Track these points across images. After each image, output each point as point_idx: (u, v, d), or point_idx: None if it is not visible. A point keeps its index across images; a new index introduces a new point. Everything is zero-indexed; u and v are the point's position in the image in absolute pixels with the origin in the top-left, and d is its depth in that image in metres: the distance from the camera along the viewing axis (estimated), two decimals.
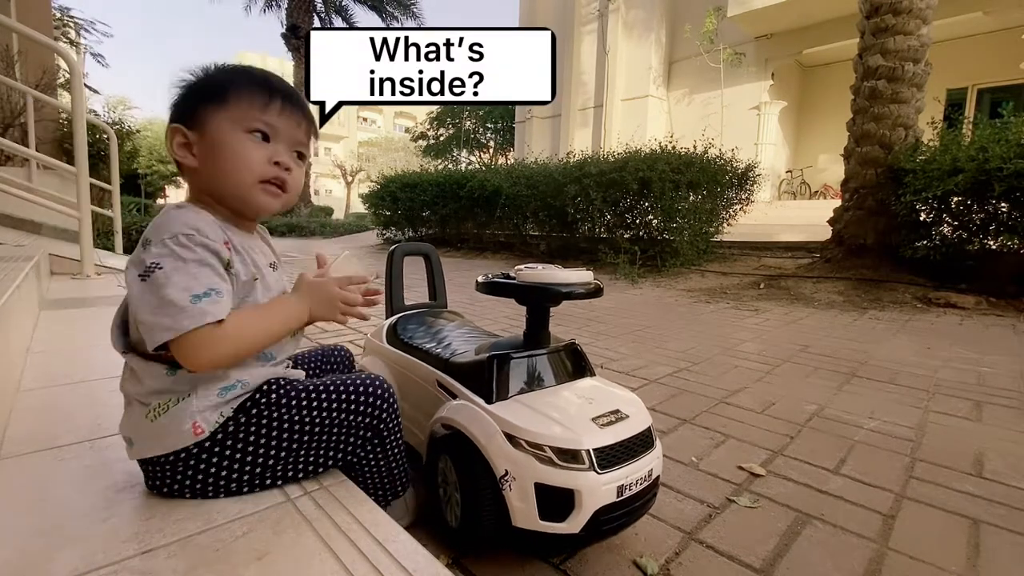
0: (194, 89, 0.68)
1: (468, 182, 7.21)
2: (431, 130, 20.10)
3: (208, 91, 0.67)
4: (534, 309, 0.90)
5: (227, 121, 0.66)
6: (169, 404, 0.65)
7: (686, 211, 5.04)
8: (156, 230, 0.62)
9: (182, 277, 0.59)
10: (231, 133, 0.66)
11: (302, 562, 0.56)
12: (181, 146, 0.67)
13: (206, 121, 0.66)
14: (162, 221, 0.63)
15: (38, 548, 0.57)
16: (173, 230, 0.61)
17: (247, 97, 0.67)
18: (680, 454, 1.22)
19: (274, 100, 0.69)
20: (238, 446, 0.67)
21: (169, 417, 0.65)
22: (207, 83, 0.69)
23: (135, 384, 0.66)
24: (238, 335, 0.63)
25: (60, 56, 4.41)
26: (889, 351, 2.33)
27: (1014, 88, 8.02)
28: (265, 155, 0.68)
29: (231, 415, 0.67)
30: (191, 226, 0.62)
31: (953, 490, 1.08)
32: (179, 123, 0.67)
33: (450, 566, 0.78)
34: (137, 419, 0.66)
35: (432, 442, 0.89)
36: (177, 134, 0.67)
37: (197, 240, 0.62)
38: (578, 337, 2.44)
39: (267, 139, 0.69)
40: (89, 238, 2.81)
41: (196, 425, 0.65)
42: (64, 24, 10.70)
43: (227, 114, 0.67)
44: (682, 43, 10.38)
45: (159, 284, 0.59)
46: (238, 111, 0.67)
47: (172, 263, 0.60)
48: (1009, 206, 3.41)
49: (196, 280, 0.60)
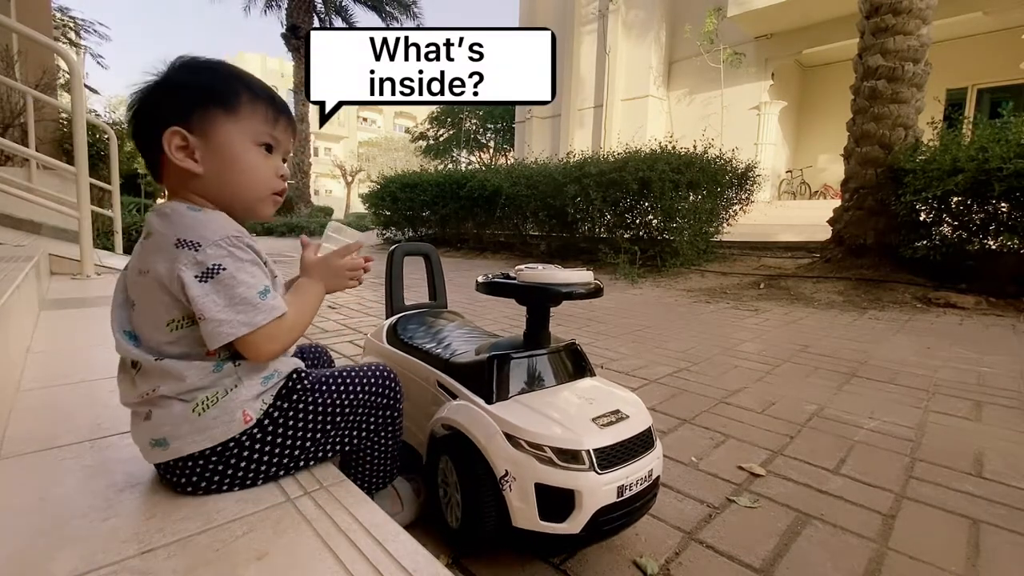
0: (200, 93, 0.67)
1: (468, 182, 7.21)
2: (431, 130, 20.11)
3: (217, 98, 0.67)
4: (534, 309, 0.90)
5: (240, 133, 0.68)
6: (218, 396, 0.66)
7: (686, 211, 5.04)
8: (195, 231, 0.63)
9: (246, 276, 0.63)
10: (243, 145, 0.69)
11: (302, 562, 0.56)
12: (180, 149, 0.65)
13: (214, 129, 0.66)
14: (195, 223, 0.64)
15: (38, 548, 0.57)
16: (222, 232, 0.63)
17: (260, 111, 0.70)
18: (680, 454, 1.22)
19: (279, 116, 0.72)
20: (279, 431, 0.71)
21: (220, 408, 0.66)
22: (214, 89, 0.67)
23: (174, 383, 0.65)
24: (295, 323, 0.69)
25: (60, 56, 4.41)
26: (889, 351, 2.33)
27: (1014, 88, 8.02)
28: (273, 168, 0.72)
29: (271, 402, 0.71)
30: (235, 228, 0.65)
31: (953, 490, 1.08)
32: (179, 125, 0.65)
33: (450, 566, 0.78)
34: (179, 417, 0.65)
35: (432, 442, 0.89)
36: (177, 136, 0.65)
37: (245, 241, 0.65)
38: (578, 337, 2.44)
39: (270, 151, 0.72)
40: (89, 238, 2.81)
41: (245, 413, 0.67)
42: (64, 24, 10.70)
43: (239, 125, 0.68)
44: (682, 43, 10.38)
45: (227, 284, 0.61)
46: (250, 124, 0.69)
47: (233, 263, 0.62)
48: (1009, 206, 3.41)
49: (256, 279, 0.64)
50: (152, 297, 0.64)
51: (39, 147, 3.94)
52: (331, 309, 3.07)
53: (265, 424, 0.70)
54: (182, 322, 0.65)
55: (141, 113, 0.68)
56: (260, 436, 0.69)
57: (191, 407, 0.65)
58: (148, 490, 0.69)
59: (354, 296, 3.62)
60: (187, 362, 0.65)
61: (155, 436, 0.66)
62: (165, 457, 0.66)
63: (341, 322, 2.68)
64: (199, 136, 0.66)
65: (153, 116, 0.66)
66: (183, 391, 0.65)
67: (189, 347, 0.65)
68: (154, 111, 0.67)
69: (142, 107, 0.67)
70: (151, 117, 0.67)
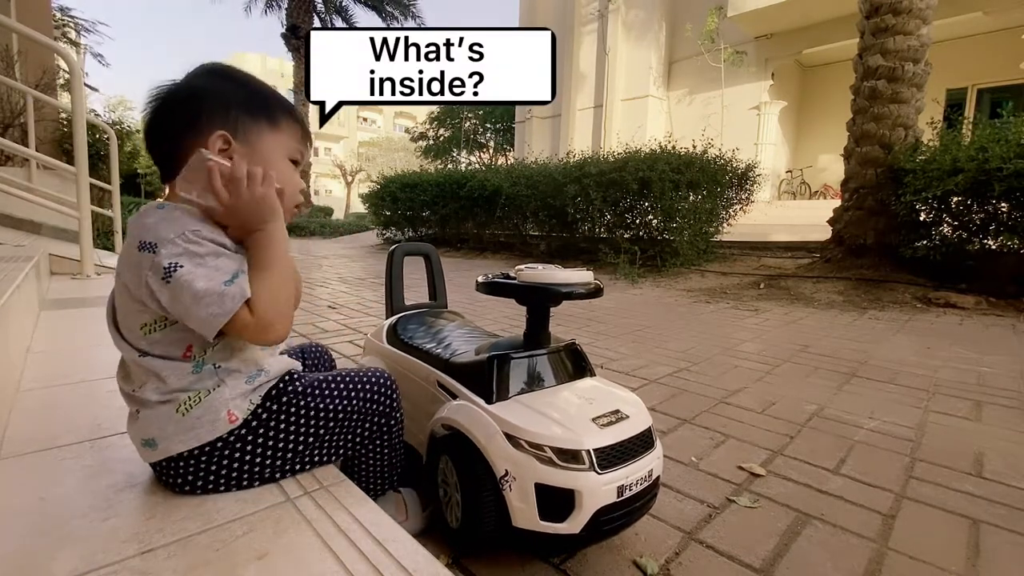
0: (252, 104, 0.70)
1: (468, 182, 7.21)
2: (431, 130, 20.11)
3: (263, 111, 0.70)
4: (534, 309, 0.90)
5: (280, 147, 0.72)
6: (201, 396, 0.66)
7: (686, 211, 5.04)
8: (154, 232, 0.61)
9: (206, 269, 0.61)
10: (282, 160, 0.72)
11: (302, 562, 0.56)
12: (220, 152, 0.66)
13: (258, 139, 0.69)
14: (155, 223, 0.62)
15: (38, 548, 0.57)
16: (178, 228, 0.62)
17: (296, 129, 0.74)
18: (680, 454, 1.22)
19: (303, 132, 0.76)
20: (270, 433, 0.70)
21: (203, 408, 0.65)
22: (261, 102, 0.71)
23: (157, 384, 0.65)
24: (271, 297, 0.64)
25: (60, 56, 4.41)
26: (889, 351, 2.33)
27: (1014, 88, 8.02)
28: (298, 183, 0.75)
29: (259, 403, 0.70)
30: (192, 223, 0.63)
31: (953, 490, 1.08)
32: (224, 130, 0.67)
33: (450, 566, 0.78)
34: (164, 417, 0.65)
35: (432, 442, 0.89)
36: (221, 140, 0.66)
37: (203, 234, 0.63)
38: (578, 337, 2.44)
39: (296, 165, 0.76)
40: (89, 238, 2.81)
41: (230, 413, 0.67)
42: (64, 24, 10.70)
43: (278, 139, 0.71)
44: (682, 43, 10.38)
45: (187, 281, 0.60)
46: (287, 139, 0.73)
47: (189, 260, 0.61)
48: (1009, 206, 3.41)
49: (220, 270, 0.62)
50: (125, 301, 0.65)
51: (39, 147, 3.94)
52: (331, 309, 3.07)
53: (253, 424, 0.69)
54: (154, 326, 0.64)
55: (175, 114, 0.68)
56: (250, 437, 0.69)
57: (175, 407, 0.65)
58: (148, 490, 0.69)
59: (354, 296, 3.62)
60: (165, 362, 0.65)
61: (144, 436, 0.67)
62: (155, 457, 0.67)
63: (341, 322, 2.68)
64: (244, 145, 0.68)
65: (191, 119, 0.67)
66: (165, 391, 0.65)
67: (165, 350, 0.65)
68: (195, 114, 0.67)
69: (177, 108, 0.68)
70: (189, 120, 0.67)
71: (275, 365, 0.73)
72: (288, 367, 0.75)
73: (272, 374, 0.72)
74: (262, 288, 0.64)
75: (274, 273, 0.66)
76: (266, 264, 0.66)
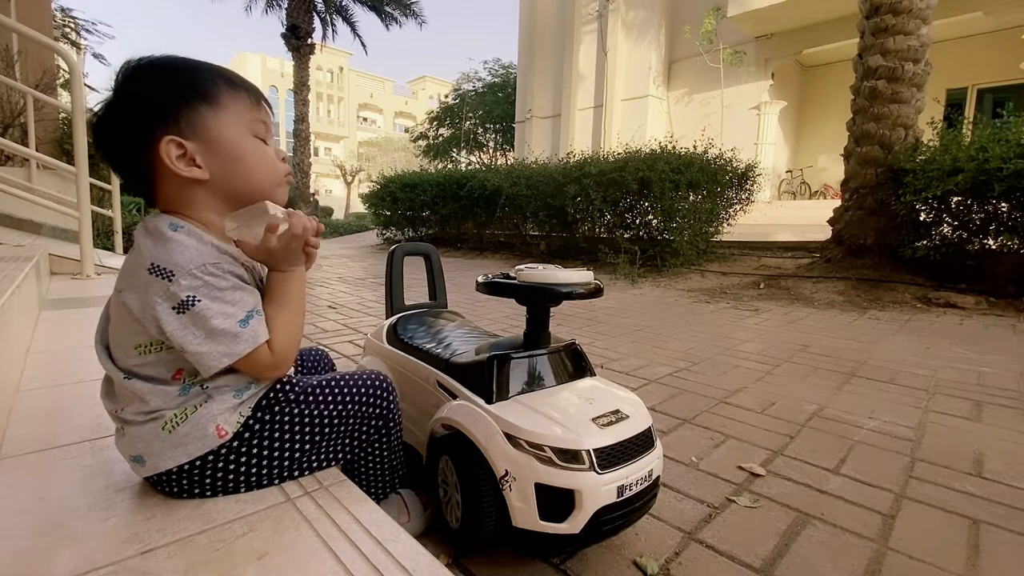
0: (177, 92, 0.62)
1: (468, 182, 7.20)
2: (431, 130, 20.10)
3: (194, 92, 0.62)
4: (534, 309, 0.90)
5: (238, 126, 0.65)
6: (187, 413, 0.64)
7: (686, 211, 5.04)
8: (169, 258, 0.59)
9: (224, 306, 0.60)
10: (244, 137, 0.65)
11: (302, 562, 0.56)
12: (180, 158, 0.61)
13: (205, 126, 0.62)
14: (172, 248, 0.59)
15: (38, 548, 0.57)
16: (198, 260, 0.59)
17: (241, 96, 0.66)
18: (680, 454, 1.22)
19: (253, 98, 0.68)
20: (264, 443, 0.69)
21: (189, 425, 0.63)
22: (191, 84, 0.62)
23: (139, 404, 0.64)
24: (288, 334, 0.66)
25: (60, 56, 4.41)
26: (889, 351, 2.33)
27: (1014, 88, 8.02)
28: (273, 153, 0.69)
29: (250, 414, 0.68)
30: (213, 254, 0.61)
31: (953, 490, 1.08)
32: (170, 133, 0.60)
33: (450, 566, 0.78)
34: (150, 435, 0.63)
35: (432, 442, 0.89)
36: (173, 145, 0.60)
37: (224, 267, 0.62)
38: (578, 337, 2.44)
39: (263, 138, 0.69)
40: (89, 238, 2.81)
41: (219, 428, 0.65)
42: (65, 25, 10.69)
43: (226, 118, 0.64)
44: (682, 43, 10.37)
45: (202, 316, 0.59)
46: (237, 113, 0.65)
47: (208, 294, 0.59)
48: (1009, 206, 3.41)
49: (236, 306, 0.61)
50: (123, 318, 0.63)
51: (39, 147, 3.94)
52: (331, 309, 3.07)
53: (246, 436, 0.67)
54: (150, 347, 0.63)
55: (116, 134, 0.62)
56: (244, 449, 0.67)
57: (160, 424, 0.63)
58: (148, 490, 0.69)
59: (354, 296, 3.62)
60: (152, 385, 0.63)
61: (132, 453, 0.66)
62: (145, 473, 0.66)
63: (341, 322, 2.68)
64: (192, 139, 0.61)
65: (132, 133, 0.61)
66: (147, 411, 0.63)
67: (155, 371, 0.63)
68: (132, 127, 0.61)
69: (113, 127, 0.62)
70: (130, 135, 0.61)
71: None
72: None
73: (261, 384, 0.70)
74: (281, 324, 0.65)
75: (293, 310, 0.67)
76: (287, 301, 0.67)
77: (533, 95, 12.55)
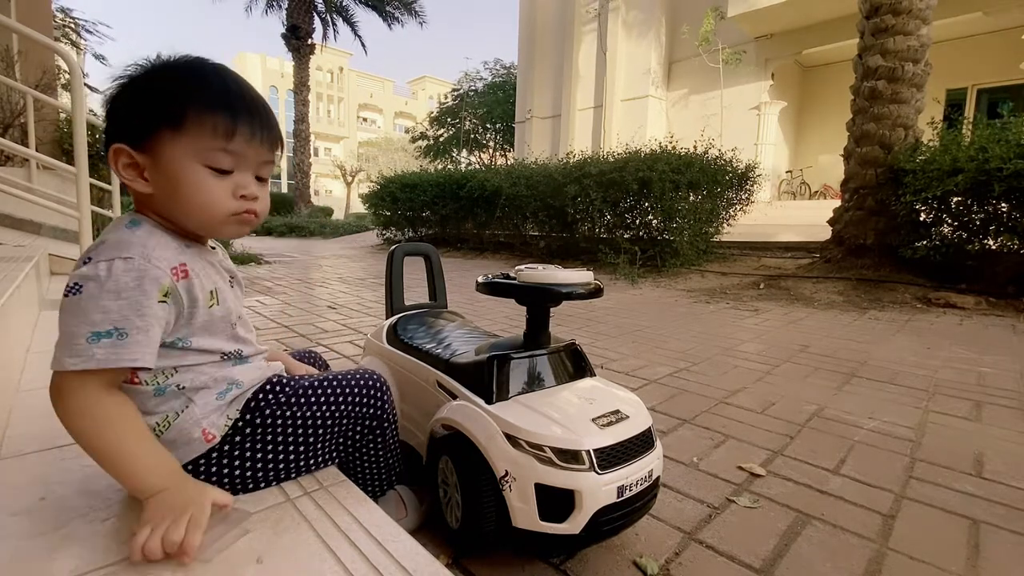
0: (145, 106, 0.59)
1: (468, 182, 7.20)
2: (431, 130, 20.10)
3: (162, 112, 0.58)
4: (534, 309, 0.90)
5: (186, 153, 0.59)
6: (170, 420, 0.63)
7: (686, 211, 5.04)
8: (99, 248, 0.57)
9: (93, 308, 0.54)
10: (190, 168, 0.59)
11: (302, 562, 0.56)
12: (128, 167, 0.59)
13: (160, 148, 0.59)
14: (110, 240, 0.58)
15: (38, 548, 0.57)
16: (113, 253, 0.56)
17: (209, 124, 0.59)
18: (680, 454, 1.22)
19: (239, 124, 0.60)
20: (257, 446, 0.68)
21: (176, 430, 0.63)
22: (161, 100, 0.59)
23: None
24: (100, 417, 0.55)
25: (60, 56, 4.41)
26: (889, 351, 2.33)
27: (1014, 88, 8.02)
28: (229, 189, 0.62)
29: (238, 416, 0.67)
30: (137, 251, 0.57)
31: (953, 490, 1.08)
32: (124, 142, 0.59)
33: (450, 566, 0.78)
34: None
35: (432, 443, 0.89)
36: (122, 155, 0.59)
37: (135, 266, 0.55)
38: (578, 337, 2.44)
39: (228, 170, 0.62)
40: (89, 238, 2.80)
41: (205, 432, 0.64)
42: (65, 25, 10.69)
43: (185, 144, 0.59)
44: (681, 43, 10.38)
45: (69, 309, 0.55)
46: (199, 141, 0.59)
47: (95, 288, 0.54)
48: (1009, 206, 3.42)
49: (106, 314, 0.54)
50: None
51: (39, 147, 3.94)
52: (331, 309, 3.07)
53: (236, 440, 0.66)
54: None
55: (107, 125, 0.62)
56: (236, 452, 0.67)
57: None
58: None
59: (354, 296, 3.62)
60: (130, 386, 0.60)
61: None
62: None
63: (341, 322, 2.68)
64: (148, 156, 0.59)
65: (108, 130, 0.61)
66: None
67: None
68: (108, 125, 0.61)
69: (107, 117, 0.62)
70: (107, 131, 0.61)
71: (250, 375, 0.69)
72: (268, 373, 0.72)
73: (247, 384, 0.68)
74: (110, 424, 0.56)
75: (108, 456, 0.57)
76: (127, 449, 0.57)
77: (533, 95, 12.56)
